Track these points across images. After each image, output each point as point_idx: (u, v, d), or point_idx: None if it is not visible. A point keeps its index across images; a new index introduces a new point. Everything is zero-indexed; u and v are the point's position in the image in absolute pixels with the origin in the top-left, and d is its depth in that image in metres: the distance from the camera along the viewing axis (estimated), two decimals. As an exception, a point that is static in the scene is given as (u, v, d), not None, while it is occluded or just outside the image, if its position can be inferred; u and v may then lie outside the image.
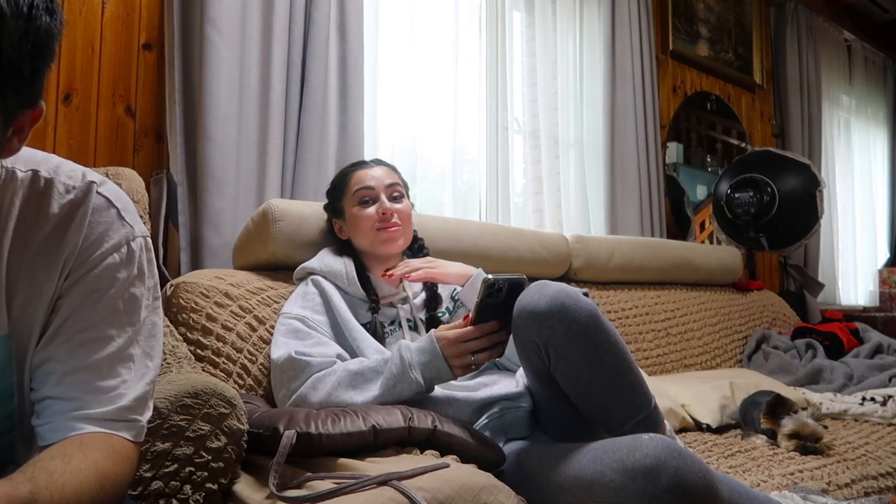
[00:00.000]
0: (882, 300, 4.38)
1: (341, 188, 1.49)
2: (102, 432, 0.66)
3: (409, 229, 1.47)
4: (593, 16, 2.94)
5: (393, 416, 1.02)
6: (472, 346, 1.13)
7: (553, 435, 1.23)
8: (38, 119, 0.60)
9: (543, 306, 1.07)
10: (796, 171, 3.10)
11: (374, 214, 1.42)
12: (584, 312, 1.07)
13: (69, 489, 0.59)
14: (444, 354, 1.14)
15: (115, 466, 0.65)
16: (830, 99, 4.35)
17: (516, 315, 1.11)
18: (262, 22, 1.85)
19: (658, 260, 2.47)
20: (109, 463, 0.64)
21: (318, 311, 1.34)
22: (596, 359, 1.08)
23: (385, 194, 1.44)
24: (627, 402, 1.10)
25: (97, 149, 1.70)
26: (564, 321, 1.06)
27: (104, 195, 0.71)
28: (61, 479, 0.59)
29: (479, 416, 1.22)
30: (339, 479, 0.85)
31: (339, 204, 1.49)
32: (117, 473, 0.65)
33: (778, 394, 1.70)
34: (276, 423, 0.95)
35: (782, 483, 1.30)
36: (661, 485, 0.85)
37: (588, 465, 0.95)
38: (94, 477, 0.62)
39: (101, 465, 0.63)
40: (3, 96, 0.55)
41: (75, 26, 1.68)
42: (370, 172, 1.47)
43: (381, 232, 1.42)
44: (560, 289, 1.09)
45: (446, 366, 1.14)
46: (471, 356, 1.13)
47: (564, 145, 2.82)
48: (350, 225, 1.47)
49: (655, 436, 0.93)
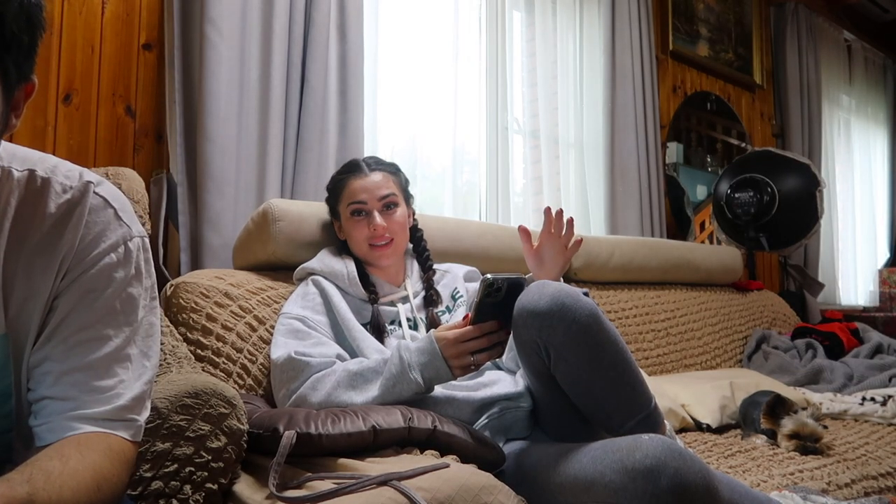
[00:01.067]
0: (882, 300, 4.38)
1: (336, 193, 1.49)
2: (100, 432, 0.66)
3: (402, 237, 1.46)
4: (593, 16, 2.94)
5: (393, 416, 1.02)
6: (472, 346, 1.12)
7: (553, 435, 1.23)
8: (31, 94, 0.62)
9: (544, 306, 1.07)
10: (796, 171, 3.10)
11: (365, 229, 1.42)
12: (585, 312, 1.07)
13: (67, 491, 0.59)
14: (444, 355, 1.13)
15: (112, 467, 0.65)
16: (830, 99, 4.35)
17: (517, 314, 1.11)
18: (262, 22, 1.85)
19: (658, 260, 2.47)
20: (107, 463, 0.64)
21: (319, 311, 1.34)
22: (596, 358, 1.08)
23: (378, 208, 1.42)
24: (627, 401, 1.10)
25: (97, 149, 1.70)
26: (565, 321, 1.06)
27: (101, 195, 0.71)
28: (59, 481, 0.59)
29: (479, 416, 1.22)
30: (339, 480, 0.85)
31: (336, 207, 1.49)
32: (115, 474, 0.65)
33: (777, 394, 1.70)
34: (276, 423, 0.95)
35: (782, 483, 1.30)
36: (661, 485, 0.85)
37: (588, 466, 0.95)
38: (92, 478, 0.62)
39: (99, 465, 0.63)
40: (6, 69, 0.58)
41: (75, 26, 1.68)
42: (363, 183, 1.44)
43: (373, 249, 1.42)
44: (560, 288, 1.09)
45: (445, 366, 1.14)
46: (470, 356, 1.13)
47: (564, 145, 2.82)
48: (346, 233, 1.47)
49: (655, 436, 0.93)
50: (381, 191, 1.43)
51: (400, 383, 1.15)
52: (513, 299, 1.10)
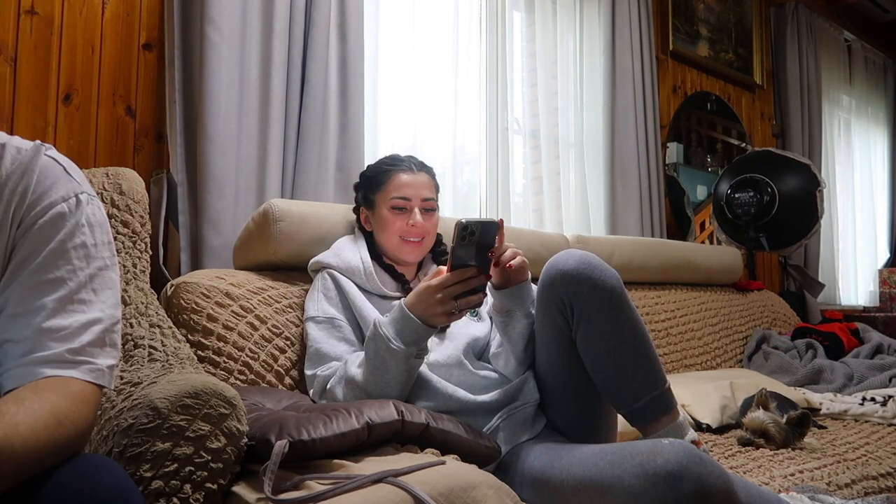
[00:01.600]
0: (882, 300, 4.38)
1: (379, 183, 1.45)
2: (58, 376, 0.67)
3: (431, 241, 1.48)
4: (593, 16, 2.94)
5: (386, 409, 1.02)
6: (454, 290, 1.12)
7: (561, 423, 1.23)
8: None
9: (572, 264, 1.14)
10: (796, 171, 3.10)
11: (403, 225, 1.42)
12: (611, 275, 1.15)
13: (23, 427, 0.60)
14: (428, 304, 1.12)
15: (71, 405, 0.66)
16: (830, 99, 4.35)
17: (544, 274, 1.17)
18: (262, 22, 1.85)
19: (658, 260, 2.47)
20: (65, 403, 0.66)
21: (338, 306, 1.37)
22: (617, 322, 1.12)
23: (420, 207, 1.42)
24: (644, 372, 1.12)
25: (97, 149, 1.70)
26: (591, 279, 1.12)
27: (51, 156, 0.77)
28: (14, 420, 0.60)
29: (489, 420, 1.22)
30: (336, 480, 0.85)
31: (372, 196, 1.46)
32: (74, 412, 0.66)
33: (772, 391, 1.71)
34: (267, 433, 0.92)
35: (784, 485, 1.30)
36: (683, 491, 0.85)
37: (605, 469, 0.94)
38: (50, 414, 0.63)
39: (57, 405, 0.65)
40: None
41: (75, 26, 1.68)
42: (412, 180, 1.43)
43: (405, 243, 1.42)
44: (588, 253, 1.16)
45: (422, 324, 1.14)
46: (454, 301, 1.12)
47: (564, 145, 2.82)
48: (377, 223, 1.46)
49: (676, 441, 0.93)
50: (426, 192, 1.44)
51: (387, 356, 1.15)
52: (488, 244, 1.12)
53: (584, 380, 1.18)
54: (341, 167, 1.96)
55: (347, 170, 1.95)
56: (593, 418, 1.23)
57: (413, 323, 1.14)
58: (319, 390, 1.27)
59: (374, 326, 1.18)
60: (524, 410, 1.23)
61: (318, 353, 1.31)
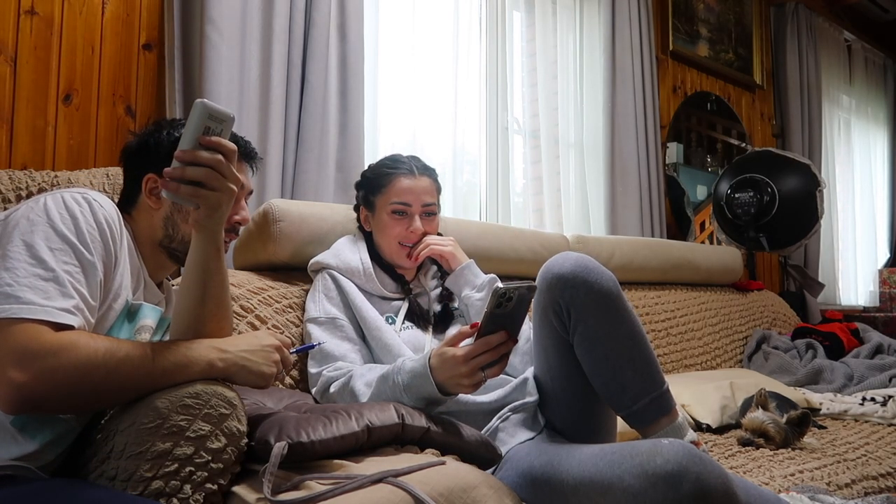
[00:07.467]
0: (882, 300, 4.38)
1: (379, 186, 1.43)
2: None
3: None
4: (593, 16, 2.94)
5: (386, 412, 1.01)
6: (482, 360, 1.06)
7: (560, 424, 1.23)
8: None
9: (568, 268, 1.13)
10: (796, 172, 3.10)
11: (402, 231, 1.41)
12: (607, 278, 1.14)
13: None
14: (452, 374, 1.07)
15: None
16: (830, 99, 4.35)
17: (541, 278, 1.16)
18: (262, 22, 1.85)
19: (658, 260, 2.47)
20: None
21: (339, 306, 1.36)
22: (615, 325, 1.12)
23: (420, 212, 1.41)
24: (642, 374, 1.12)
25: (97, 149, 1.70)
26: (588, 282, 1.12)
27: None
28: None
29: (489, 420, 1.22)
30: (336, 480, 0.85)
31: (372, 198, 1.45)
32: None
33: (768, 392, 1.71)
34: (267, 434, 0.92)
35: (784, 485, 1.30)
36: (682, 491, 0.85)
37: (605, 469, 0.94)
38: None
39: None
40: None
41: (75, 26, 1.68)
42: (413, 185, 1.40)
43: (403, 248, 1.42)
44: (584, 256, 1.16)
45: (440, 392, 1.09)
46: (481, 372, 1.07)
47: (564, 145, 2.82)
48: (377, 226, 1.45)
49: (675, 441, 0.93)
50: (427, 197, 1.42)
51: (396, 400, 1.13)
52: (522, 308, 1.05)
53: (583, 382, 1.17)
54: (341, 167, 1.96)
55: (347, 170, 1.95)
56: (592, 419, 1.23)
57: (430, 386, 1.09)
58: (322, 389, 1.27)
59: (393, 372, 1.14)
60: (524, 411, 1.23)
61: (322, 352, 1.30)
